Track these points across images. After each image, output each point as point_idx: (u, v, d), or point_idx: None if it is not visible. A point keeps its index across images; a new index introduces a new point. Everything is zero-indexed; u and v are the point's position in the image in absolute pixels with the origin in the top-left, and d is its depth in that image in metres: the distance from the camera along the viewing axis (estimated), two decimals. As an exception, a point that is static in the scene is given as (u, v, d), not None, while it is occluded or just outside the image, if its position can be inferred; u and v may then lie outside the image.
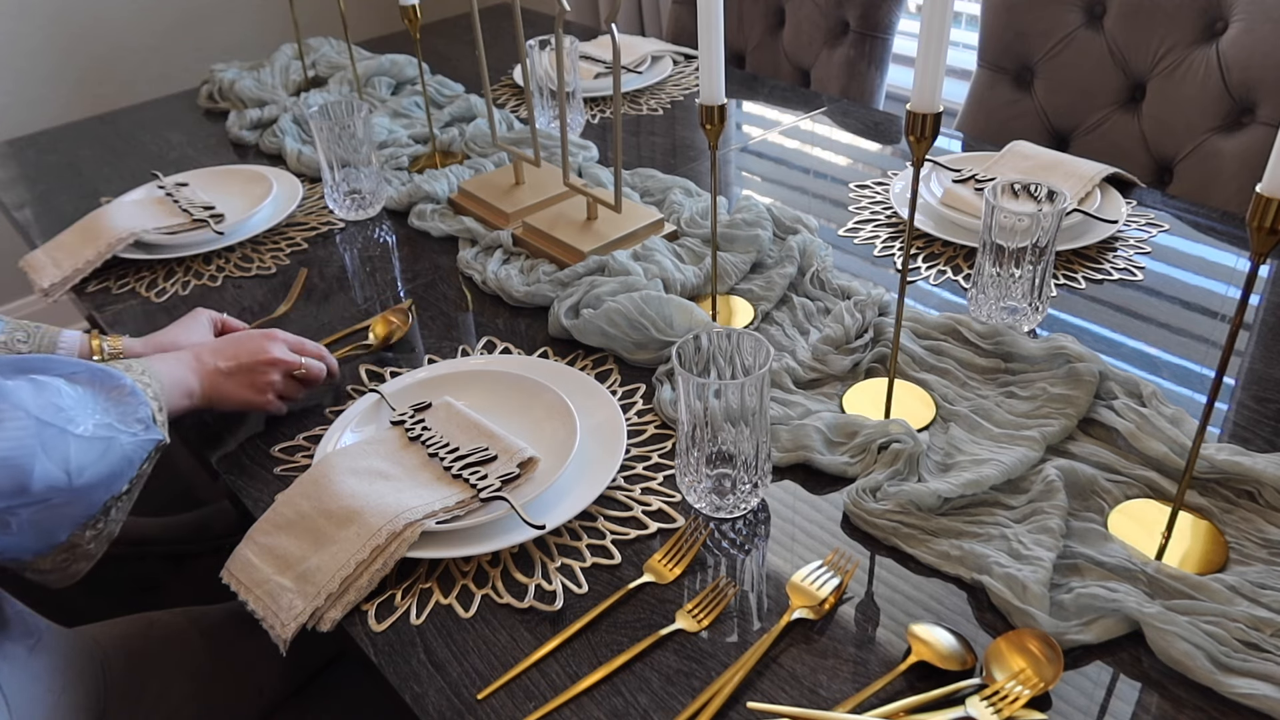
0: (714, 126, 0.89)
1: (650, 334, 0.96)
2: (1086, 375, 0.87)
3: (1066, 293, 1.07)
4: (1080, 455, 0.83)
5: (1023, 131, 1.57)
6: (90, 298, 1.18)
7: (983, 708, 0.64)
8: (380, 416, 0.91)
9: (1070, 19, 1.50)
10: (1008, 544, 0.74)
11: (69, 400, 0.73)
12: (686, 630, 0.71)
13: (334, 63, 1.76)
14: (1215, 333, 0.99)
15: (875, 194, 1.29)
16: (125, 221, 1.24)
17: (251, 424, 0.95)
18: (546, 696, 0.68)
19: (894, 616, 0.72)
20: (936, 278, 1.11)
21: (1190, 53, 1.39)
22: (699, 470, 0.78)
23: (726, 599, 0.74)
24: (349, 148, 1.25)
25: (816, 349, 0.96)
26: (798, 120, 1.53)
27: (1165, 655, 0.66)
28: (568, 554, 0.79)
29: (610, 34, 0.97)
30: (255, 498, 0.86)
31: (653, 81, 1.68)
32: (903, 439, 0.82)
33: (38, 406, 0.70)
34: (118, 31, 2.42)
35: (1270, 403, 0.89)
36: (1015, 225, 0.93)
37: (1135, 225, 1.18)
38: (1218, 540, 0.75)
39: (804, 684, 0.67)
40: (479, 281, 1.14)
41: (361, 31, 2.42)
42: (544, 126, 1.43)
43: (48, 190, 1.47)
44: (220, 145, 1.58)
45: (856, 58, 1.79)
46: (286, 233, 1.30)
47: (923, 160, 0.75)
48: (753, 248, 1.11)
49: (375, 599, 0.76)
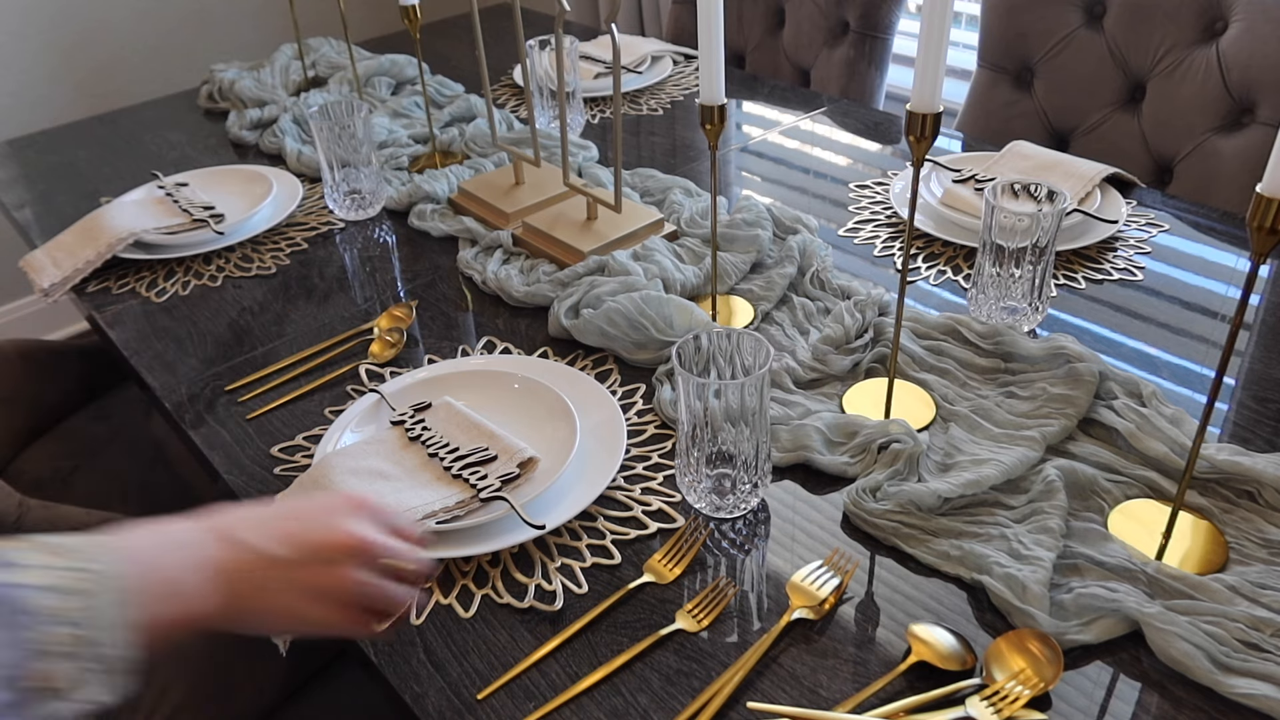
0: (714, 126, 0.89)
1: (650, 334, 0.96)
2: (1086, 375, 0.87)
3: (1066, 293, 1.07)
4: (1080, 455, 0.83)
5: (1023, 131, 1.57)
6: (90, 298, 1.18)
7: (983, 708, 0.64)
8: (380, 416, 0.91)
9: (1070, 19, 1.50)
10: (1008, 544, 0.74)
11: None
12: (686, 630, 0.71)
13: (334, 63, 1.76)
14: (1215, 333, 0.99)
15: (875, 194, 1.29)
16: (125, 221, 1.24)
17: (251, 424, 0.95)
18: (546, 696, 0.68)
19: (894, 616, 0.72)
20: (936, 278, 1.11)
21: (1190, 53, 1.39)
22: (699, 470, 0.78)
23: (726, 599, 0.74)
24: (349, 148, 1.25)
25: (816, 349, 0.96)
26: (798, 120, 1.53)
27: (1165, 655, 0.66)
28: (568, 554, 0.79)
29: (610, 34, 0.97)
30: (255, 497, 0.86)
31: (653, 81, 1.68)
32: (903, 439, 0.82)
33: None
34: (118, 32, 2.42)
35: (1270, 403, 0.89)
36: (1015, 225, 0.93)
37: (1135, 225, 1.18)
38: (1218, 540, 0.75)
39: (804, 684, 0.67)
40: (479, 281, 1.14)
41: (361, 31, 2.42)
42: (544, 126, 1.43)
43: (48, 190, 1.47)
44: (220, 145, 1.58)
45: (856, 58, 1.79)
46: (286, 233, 1.30)
47: (923, 160, 0.75)
48: (753, 248, 1.11)
49: (375, 599, 0.76)
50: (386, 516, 0.61)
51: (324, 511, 0.58)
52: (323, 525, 0.57)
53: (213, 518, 0.57)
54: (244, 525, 0.57)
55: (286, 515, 0.58)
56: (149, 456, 1.36)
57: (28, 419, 1.37)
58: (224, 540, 0.56)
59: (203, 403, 0.99)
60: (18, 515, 1.01)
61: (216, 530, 0.56)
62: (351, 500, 0.60)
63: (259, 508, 0.59)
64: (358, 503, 0.60)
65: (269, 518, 0.58)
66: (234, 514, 0.58)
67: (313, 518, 0.58)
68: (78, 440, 1.37)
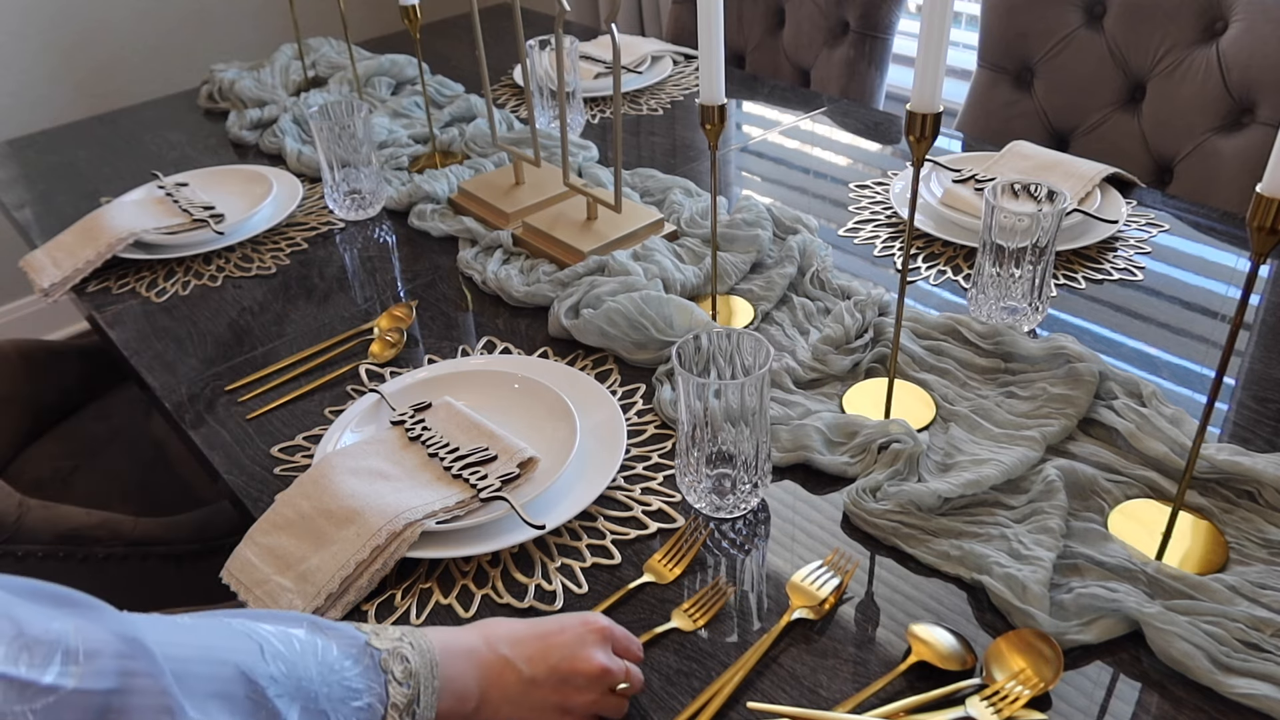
0: (714, 126, 0.89)
1: (650, 334, 0.96)
2: (1086, 375, 0.87)
3: (1066, 293, 1.07)
4: (1080, 455, 0.83)
5: (1023, 131, 1.57)
6: (90, 298, 1.18)
7: (983, 708, 0.64)
8: (380, 416, 0.91)
9: (1070, 19, 1.50)
10: (1008, 544, 0.74)
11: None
12: (681, 629, 0.71)
13: (334, 63, 1.76)
14: (1215, 333, 0.99)
15: (875, 194, 1.29)
16: (125, 221, 1.24)
17: (251, 424, 0.95)
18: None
19: (894, 616, 0.72)
20: (936, 278, 1.11)
21: (1190, 53, 1.39)
22: (699, 470, 0.78)
23: (724, 599, 0.74)
24: (349, 148, 1.25)
25: (816, 349, 0.96)
26: (798, 120, 1.53)
27: (1165, 655, 0.66)
28: (568, 554, 0.79)
29: (610, 34, 0.97)
30: (255, 498, 0.86)
31: (653, 81, 1.68)
32: (903, 439, 0.82)
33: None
34: (118, 32, 2.42)
35: (1270, 403, 0.89)
36: (1015, 225, 0.93)
37: (1135, 225, 1.18)
38: (1218, 540, 0.75)
39: (804, 684, 0.67)
40: (479, 281, 1.14)
41: (361, 31, 2.42)
42: (544, 126, 1.43)
43: (48, 190, 1.47)
44: (220, 145, 1.58)
45: (856, 58, 1.79)
46: (286, 233, 1.30)
47: (923, 160, 0.75)
48: (753, 248, 1.11)
49: (375, 599, 0.76)
50: (621, 640, 0.67)
51: (574, 639, 0.65)
52: (571, 653, 0.64)
53: (484, 627, 0.66)
54: (508, 640, 0.65)
55: (541, 635, 0.65)
56: (149, 456, 1.36)
57: (28, 419, 1.37)
58: (492, 652, 0.64)
59: (203, 403, 0.99)
60: (18, 515, 1.01)
61: (488, 641, 0.64)
62: (597, 628, 0.66)
63: (518, 623, 0.67)
64: (603, 631, 0.66)
65: (526, 636, 0.65)
66: (501, 626, 0.66)
67: (563, 644, 0.64)
68: (78, 440, 1.37)
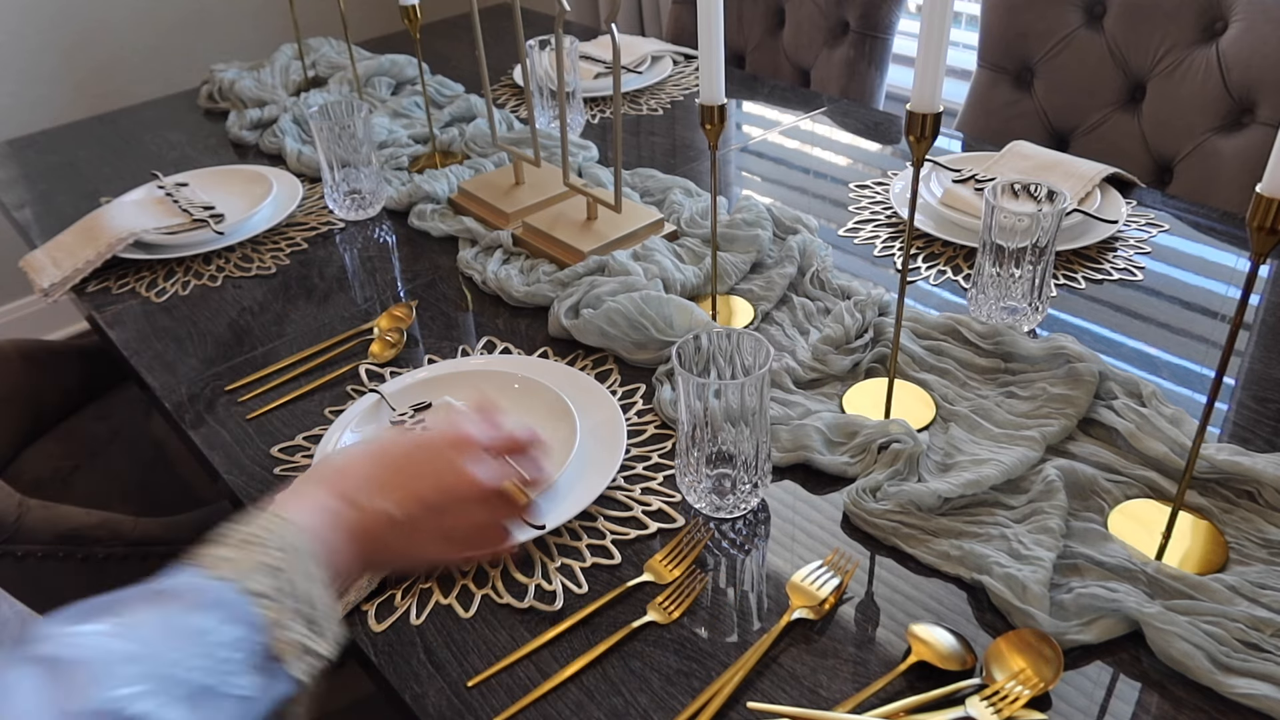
0: (714, 126, 0.89)
1: (650, 334, 0.96)
2: (1086, 375, 0.87)
3: (1066, 293, 1.07)
4: (1080, 455, 0.83)
5: (1023, 131, 1.57)
6: (90, 298, 1.18)
7: (983, 708, 0.64)
8: (380, 416, 0.91)
9: (1070, 19, 1.50)
10: (1008, 544, 0.74)
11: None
12: (659, 622, 0.72)
13: (334, 63, 1.76)
14: (1215, 333, 0.99)
15: (875, 194, 1.29)
16: (125, 221, 1.24)
17: (251, 424, 0.95)
18: (545, 695, 0.68)
19: (894, 616, 0.72)
20: (936, 278, 1.11)
21: (1190, 53, 1.39)
22: (699, 470, 0.78)
23: (696, 591, 0.74)
24: (349, 148, 1.25)
25: (816, 349, 0.96)
26: (798, 120, 1.53)
27: (1165, 655, 0.66)
28: (568, 554, 0.79)
29: (610, 34, 0.97)
30: (255, 498, 0.86)
31: (653, 81, 1.68)
32: (903, 439, 0.82)
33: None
34: (118, 32, 2.42)
35: (1270, 403, 0.89)
36: (1015, 225, 0.93)
37: (1135, 225, 1.18)
38: (1218, 540, 0.75)
39: (804, 684, 0.67)
40: (479, 281, 1.14)
41: (361, 31, 2.41)
42: (544, 126, 1.43)
43: (48, 190, 1.47)
44: (220, 145, 1.58)
45: (856, 58, 1.79)
46: (286, 233, 1.30)
47: (923, 160, 0.75)
48: (753, 248, 1.11)
49: (375, 599, 0.76)
50: (496, 438, 0.61)
51: (438, 461, 0.59)
52: (438, 480, 0.59)
53: (329, 482, 0.59)
54: (366, 486, 0.59)
55: (399, 468, 0.60)
56: (149, 456, 1.36)
57: (28, 419, 1.37)
58: (351, 506, 0.59)
59: (203, 403, 0.99)
60: (18, 515, 1.01)
61: (345, 496, 0.59)
62: (457, 440, 0.60)
63: (363, 463, 0.61)
64: (464, 441, 0.60)
65: (384, 475, 0.59)
66: (351, 471, 0.60)
67: (429, 472, 0.59)
68: (78, 440, 1.37)
